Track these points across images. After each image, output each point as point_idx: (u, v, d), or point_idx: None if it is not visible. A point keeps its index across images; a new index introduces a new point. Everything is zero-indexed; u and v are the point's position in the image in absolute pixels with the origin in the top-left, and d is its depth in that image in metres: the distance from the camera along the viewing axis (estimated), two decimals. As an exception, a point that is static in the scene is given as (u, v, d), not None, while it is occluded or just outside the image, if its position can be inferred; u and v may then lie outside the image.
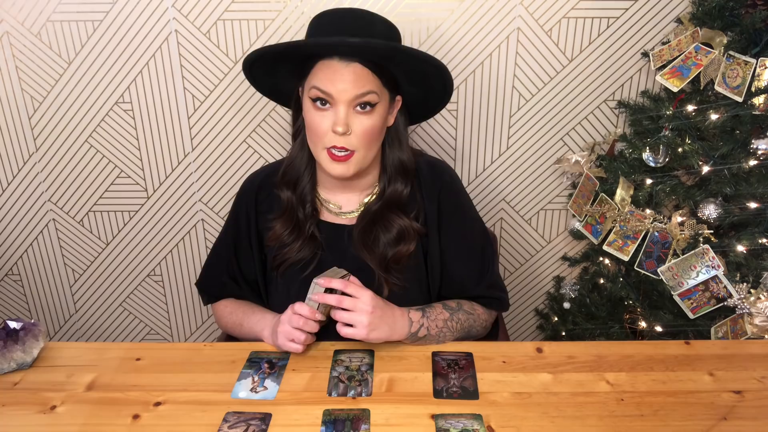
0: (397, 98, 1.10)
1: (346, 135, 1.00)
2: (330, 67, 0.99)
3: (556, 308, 1.82)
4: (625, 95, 1.65)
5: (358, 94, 0.99)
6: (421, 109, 1.17)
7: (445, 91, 1.10)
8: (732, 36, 1.33)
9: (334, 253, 1.12)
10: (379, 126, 1.04)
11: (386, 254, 1.09)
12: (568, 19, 1.57)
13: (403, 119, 1.12)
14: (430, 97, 1.13)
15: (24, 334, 1.00)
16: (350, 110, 1.00)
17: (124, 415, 0.89)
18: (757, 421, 0.86)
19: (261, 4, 1.56)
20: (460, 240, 1.15)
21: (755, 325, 1.24)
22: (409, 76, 1.07)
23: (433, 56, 1.03)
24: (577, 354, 1.01)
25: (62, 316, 2.00)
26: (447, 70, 1.04)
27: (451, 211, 1.15)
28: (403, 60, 1.03)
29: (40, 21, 1.59)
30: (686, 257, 1.33)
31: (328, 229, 1.14)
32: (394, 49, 1.01)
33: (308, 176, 1.13)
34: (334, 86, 0.99)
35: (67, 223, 1.84)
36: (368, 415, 0.87)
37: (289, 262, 1.12)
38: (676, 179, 1.41)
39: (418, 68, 1.04)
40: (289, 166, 1.13)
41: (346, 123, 0.99)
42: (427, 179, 1.14)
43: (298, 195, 1.12)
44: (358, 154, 1.02)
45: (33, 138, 1.72)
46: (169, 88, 1.66)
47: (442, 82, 1.07)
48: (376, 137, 1.05)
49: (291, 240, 1.12)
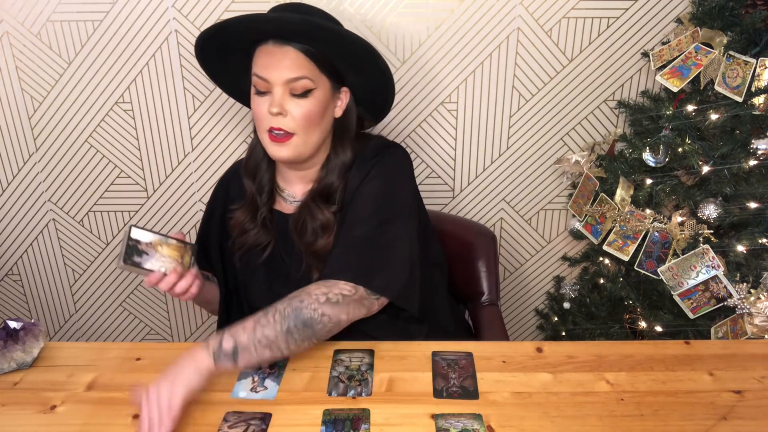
0: (343, 89, 1.11)
1: (282, 117, 1.03)
2: (265, 52, 1.03)
3: (556, 308, 1.82)
4: (625, 95, 1.65)
5: (290, 77, 1.02)
6: (372, 102, 1.17)
7: (384, 77, 1.09)
8: (732, 36, 1.33)
9: (283, 239, 1.17)
10: (317, 112, 1.05)
11: (313, 241, 1.11)
12: (568, 19, 1.57)
13: (353, 115, 1.14)
14: (373, 86, 1.13)
15: (24, 334, 1.00)
16: (285, 94, 1.03)
17: (124, 415, 0.89)
18: (757, 421, 0.86)
19: (261, 5, 1.55)
20: (360, 205, 1.09)
21: (755, 325, 1.24)
22: (345, 61, 1.08)
23: (357, 35, 1.04)
24: (577, 354, 1.01)
25: (62, 316, 2.00)
26: (374, 49, 1.05)
27: (368, 183, 1.10)
28: (327, 38, 1.03)
29: (40, 21, 1.59)
30: (686, 257, 1.33)
31: (279, 217, 1.18)
32: (312, 25, 1.01)
33: (266, 166, 1.17)
34: (268, 72, 1.02)
35: (67, 223, 1.84)
36: (368, 414, 0.87)
37: (246, 248, 1.18)
38: (676, 179, 1.41)
39: (347, 50, 1.05)
40: (249, 158, 1.18)
41: (280, 104, 1.03)
42: (366, 159, 1.13)
43: (257, 184, 1.17)
44: (297, 137, 1.05)
45: (33, 138, 1.72)
46: (169, 88, 1.66)
47: (376, 65, 1.07)
48: (315, 122, 1.06)
49: (251, 227, 1.17)
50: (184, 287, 1.02)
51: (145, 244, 0.99)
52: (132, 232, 0.98)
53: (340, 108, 1.12)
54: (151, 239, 0.99)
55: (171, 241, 1.02)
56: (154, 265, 0.99)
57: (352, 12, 1.56)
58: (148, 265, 0.98)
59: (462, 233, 1.49)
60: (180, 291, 1.02)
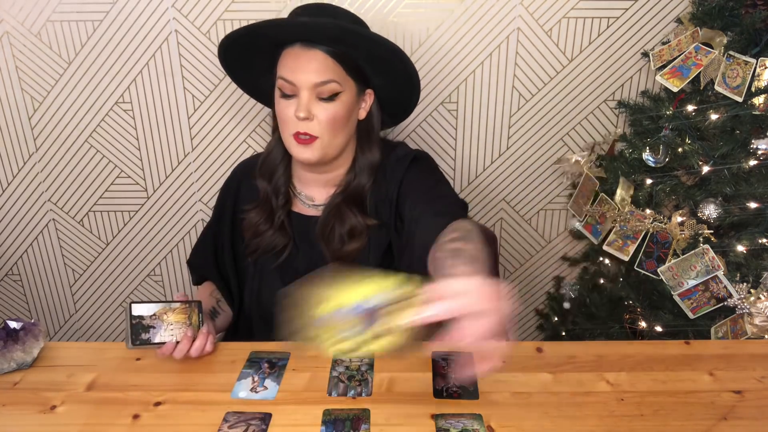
0: (368, 92, 1.11)
1: (309, 121, 1.03)
2: (292, 55, 1.03)
3: (556, 308, 1.82)
4: (625, 95, 1.65)
5: (318, 81, 1.01)
6: (395, 105, 1.17)
7: (410, 79, 1.10)
8: (732, 36, 1.33)
9: (303, 243, 1.16)
10: (343, 115, 1.05)
11: (340, 248, 1.10)
12: (568, 19, 1.57)
13: (377, 116, 1.14)
14: (399, 88, 1.13)
15: (24, 334, 1.00)
16: (312, 97, 1.03)
17: (124, 415, 0.89)
18: (757, 421, 0.86)
19: (261, 4, 1.56)
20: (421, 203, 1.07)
21: (755, 325, 1.24)
22: (372, 63, 1.07)
23: (386, 39, 1.03)
24: (577, 354, 1.01)
25: (62, 316, 2.00)
26: (402, 53, 1.04)
27: (411, 187, 1.10)
28: (355, 42, 1.03)
29: (40, 21, 1.59)
30: (686, 257, 1.33)
31: (298, 219, 1.17)
32: (343, 30, 1.01)
33: (283, 168, 1.16)
34: (295, 75, 1.02)
35: (67, 223, 1.84)
36: (368, 415, 0.87)
37: (262, 251, 1.16)
38: (676, 179, 1.41)
39: (375, 53, 1.05)
40: (266, 159, 1.17)
41: (307, 108, 1.02)
42: (394, 167, 1.13)
43: (273, 186, 1.16)
44: (321, 140, 1.05)
45: (33, 138, 1.72)
46: (169, 88, 1.66)
47: (403, 67, 1.07)
48: (341, 125, 1.06)
49: (265, 229, 1.15)
50: (200, 349, 0.99)
51: (149, 318, 0.97)
52: (133, 310, 0.96)
53: (364, 110, 1.12)
54: (154, 310, 0.97)
55: (174, 305, 1.00)
56: (164, 337, 0.97)
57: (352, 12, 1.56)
58: (158, 338, 0.96)
59: (462, 233, 1.49)
60: (196, 354, 0.99)
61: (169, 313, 0.99)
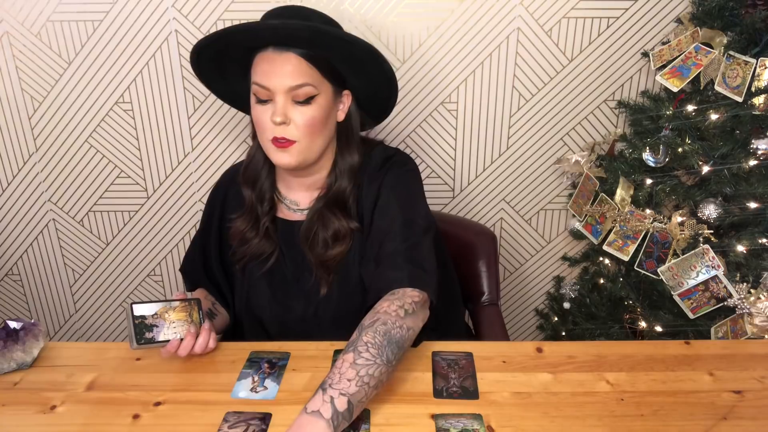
0: (345, 93, 1.10)
1: (286, 125, 1.02)
2: (265, 59, 1.01)
3: (556, 308, 1.82)
4: (625, 95, 1.65)
5: (293, 85, 1.00)
6: (374, 104, 1.16)
7: (386, 77, 1.08)
8: (732, 36, 1.33)
9: (289, 248, 1.15)
10: (321, 118, 1.04)
11: (324, 252, 1.10)
12: (568, 19, 1.57)
13: (356, 117, 1.13)
14: (376, 88, 1.12)
15: (24, 334, 1.00)
16: (288, 101, 1.02)
17: (124, 415, 0.89)
18: (757, 421, 0.86)
19: (261, 5, 1.55)
20: (383, 219, 1.08)
21: (755, 325, 1.24)
22: (347, 64, 1.06)
23: (359, 38, 1.02)
24: (577, 354, 1.01)
25: (62, 316, 2.00)
26: (377, 52, 1.03)
27: (385, 195, 1.10)
28: (329, 43, 1.02)
29: (40, 21, 1.59)
30: (686, 257, 1.33)
31: (284, 225, 1.16)
32: (314, 31, 0.99)
33: (266, 174, 1.15)
34: (269, 80, 1.00)
35: (67, 223, 1.84)
36: (368, 415, 0.87)
37: (249, 258, 1.16)
38: (676, 179, 1.41)
39: (350, 54, 1.04)
40: (248, 165, 1.16)
41: (283, 113, 1.01)
42: (375, 170, 1.12)
43: (257, 192, 1.15)
44: (299, 144, 1.03)
45: (33, 138, 1.72)
46: (169, 88, 1.66)
47: (378, 66, 1.06)
48: (319, 128, 1.05)
49: (251, 236, 1.15)
50: (203, 345, 1.00)
51: (151, 317, 0.98)
52: (134, 310, 0.97)
53: (343, 111, 1.11)
54: (156, 310, 0.99)
55: (174, 303, 1.01)
56: (167, 335, 0.98)
57: (352, 12, 1.56)
58: (162, 337, 0.98)
59: (462, 233, 1.49)
60: (200, 350, 1.00)
61: (170, 312, 1.00)
